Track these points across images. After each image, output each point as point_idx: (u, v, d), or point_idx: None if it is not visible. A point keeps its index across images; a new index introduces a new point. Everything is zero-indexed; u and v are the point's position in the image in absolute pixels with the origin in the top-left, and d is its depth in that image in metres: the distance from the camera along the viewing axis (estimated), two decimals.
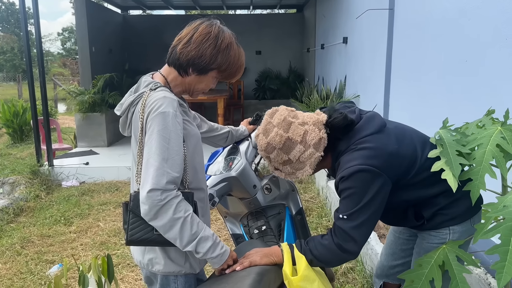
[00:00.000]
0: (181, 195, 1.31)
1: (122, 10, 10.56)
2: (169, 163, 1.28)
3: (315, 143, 1.48)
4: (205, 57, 1.40)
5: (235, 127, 1.97)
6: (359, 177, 1.39)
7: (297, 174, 1.54)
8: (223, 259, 1.39)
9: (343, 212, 1.42)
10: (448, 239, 1.53)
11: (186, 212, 1.30)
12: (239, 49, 1.50)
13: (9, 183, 5.23)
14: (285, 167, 1.55)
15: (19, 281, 3.06)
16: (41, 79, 5.68)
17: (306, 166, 1.51)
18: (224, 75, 1.48)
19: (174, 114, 1.32)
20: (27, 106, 8.81)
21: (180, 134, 1.34)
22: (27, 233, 3.93)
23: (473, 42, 2.58)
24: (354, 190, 1.40)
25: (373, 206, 1.41)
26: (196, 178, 1.47)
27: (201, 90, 1.50)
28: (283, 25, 10.63)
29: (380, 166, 1.40)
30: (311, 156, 1.49)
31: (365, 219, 1.41)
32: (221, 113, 6.74)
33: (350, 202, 1.41)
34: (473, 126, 1.56)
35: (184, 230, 1.29)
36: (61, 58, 37.26)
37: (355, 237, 1.41)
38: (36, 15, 5.55)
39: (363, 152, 1.43)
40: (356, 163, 1.41)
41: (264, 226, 1.97)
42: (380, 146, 1.44)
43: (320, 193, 4.53)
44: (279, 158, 1.52)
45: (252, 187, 1.88)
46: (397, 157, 1.44)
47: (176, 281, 1.46)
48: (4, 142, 9.19)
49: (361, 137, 1.47)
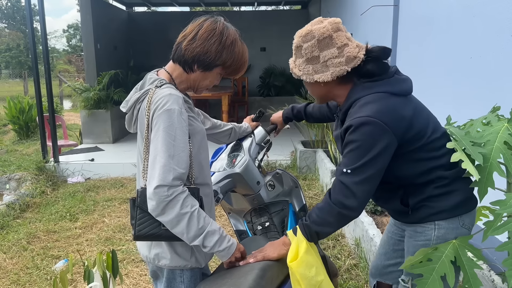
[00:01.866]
0: (187, 191, 1.33)
1: (127, 7, 10.58)
2: (175, 160, 1.30)
3: (349, 56, 1.44)
4: (210, 53, 1.41)
5: (238, 124, 1.98)
6: (367, 130, 1.37)
7: (315, 77, 1.48)
8: (230, 252, 1.41)
9: (347, 166, 1.40)
10: (434, 235, 1.50)
11: (193, 207, 1.32)
12: (243, 45, 1.51)
13: (15, 179, 5.28)
14: (307, 66, 1.49)
15: (25, 276, 3.10)
16: (47, 76, 5.71)
17: (328, 72, 1.45)
18: (229, 72, 1.50)
19: (180, 111, 1.34)
20: (33, 102, 8.86)
21: (186, 131, 1.36)
22: (33, 228, 3.96)
23: (478, 39, 2.56)
24: (360, 143, 1.38)
25: (378, 164, 1.39)
26: (201, 174, 1.48)
27: (205, 86, 1.51)
28: (288, 22, 10.60)
29: (390, 124, 1.38)
30: (338, 65, 1.44)
31: (369, 176, 1.39)
32: (226, 110, 6.75)
33: (356, 156, 1.39)
34: (478, 123, 1.56)
35: (191, 224, 1.31)
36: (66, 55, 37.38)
37: (357, 193, 1.39)
38: (42, 12, 5.57)
39: (377, 106, 1.40)
40: (367, 114, 1.38)
41: (267, 223, 1.98)
42: (396, 107, 1.42)
43: (324, 190, 4.54)
44: (310, 51, 1.46)
45: (255, 183, 1.90)
46: (408, 122, 1.42)
47: (182, 275, 1.48)
48: (10, 138, 9.25)
49: (382, 91, 1.45)
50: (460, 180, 1.49)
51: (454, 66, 2.82)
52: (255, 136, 1.98)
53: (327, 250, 3.23)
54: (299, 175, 5.22)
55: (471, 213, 1.53)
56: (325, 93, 1.55)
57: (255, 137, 1.98)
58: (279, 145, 6.20)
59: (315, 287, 1.42)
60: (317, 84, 1.50)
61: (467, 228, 1.51)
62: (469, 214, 1.52)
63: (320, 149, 5.25)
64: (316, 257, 1.47)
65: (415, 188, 1.51)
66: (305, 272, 1.41)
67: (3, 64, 35.53)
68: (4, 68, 35.23)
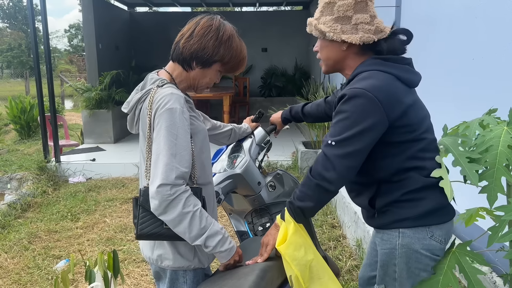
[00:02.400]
0: (190, 190, 1.33)
1: (129, 7, 10.59)
2: (177, 159, 1.31)
3: (378, 27, 1.43)
4: (207, 49, 1.42)
5: (238, 125, 1.98)
6: (360, 102, 1.34)
7: (343, 36, 1.42)
8: (231, 254, 1.41)
9: (332, 137, 1.37)
10: (398, 243, 1.44)
11: (195, 207, 1.32)
12: (241, 41, 1.51)
13: (17, 179, 5.29)
14: (335, 24, 1.43)
15: (27, 276, 3.10)
16: (48, 75, 5.72)
17: (357, 35, 1.41)
18: (227, 68, 1.49)
19: (181, 110, 1.34)
20: (34, 102, 8.89)
21: (188, 130, 1.36)
22: (34, 228, 3.97)
23: (480, 41, 2.56)
24: (349, 115, 1.35)
25: (364, 140, 1.36)
26: (203, 173, 1.48)
27: (205, 84, 1.51)
28: (289, 22, 10.61)
29: (384, 102, 1.35)
30: (367, 32, 1.42)
31: (353, 151, 1.35)
32: (227, 110, 6.75)
33: (343, 127, 1.36)
34: (475, 125, 1.54)
35: (193, 224, 1.31)
36: (68, 55, 37.43)
37: (337, 166, 1.36)
38: (44, 12, 5.59)
39: (377, 82, 1.37)
40: (363, 86, 1.35)
41: (268, 223, 1.98)
42: (396, 90, 1.39)
43: None
44: (343, 10, 1.42)
45: (256, 184, 1.90)
46: (403, 109, 1.39)
47: (185, 275, 1.48)
48: (11, 138, 9.27)
49: (389, 71, 1.41)
50: (433, 189, 1.42)
51: (456, 67, 2.81)
52: (255, 137, 1.98)
53: (328, 251, 3.23)
54: (300, 176, 5.22)
55: (444, 225, 1.45)
56: (340, 59, 1.49)
57: (255, 138, 1.98)
58: (280, 146, 6.20)
59: (305, 267, 1.41)
60: (339, 46, 1.45)
61: (438, 241, 1.44)
62: (441, 226, 1.45)
63: None
64: (304, 238, 1.46)
65: (387, 187, 1.45)
66: (294, 253, 1.40)
67: (5, 63, 35.60)
68: (6, 67, 35.28)
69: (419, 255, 1.43)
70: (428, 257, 1.43)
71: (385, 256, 1.48)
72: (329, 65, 1.54)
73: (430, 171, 1.42)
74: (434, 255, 1.44)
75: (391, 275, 1.48)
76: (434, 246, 1.43)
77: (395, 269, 1.47)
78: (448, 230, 1.47)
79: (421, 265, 1.43)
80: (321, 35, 1.47)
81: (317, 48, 1.54)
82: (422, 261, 1.43)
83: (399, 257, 1.45)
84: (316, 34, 1.48)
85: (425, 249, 1.42)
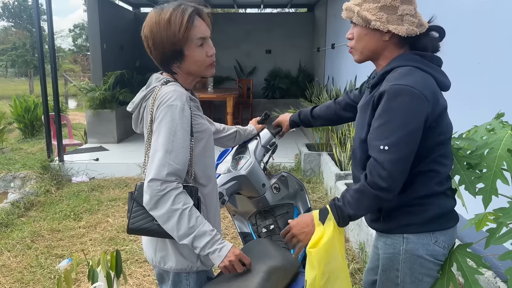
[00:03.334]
0: (182, 188, 1.33)
1: (134, 8, 10.62)
2: (172, 155, 1.31)
3: (420, 21, 1.40)
4: (164, 50, 1.40)
5: (243, 127, 1.98)
6: (407, 100, 1.27)
7: (389, 26, 1.36)
8: (222, 255, 1.35)
9: (383, 140, 1.29)
10: (402, 248, 1.43)
11: (185, 205, 1.31)
12: (171, 16, 1.39)
13: (20, 178, 5.30)
14: (380, 13, 1.37)
15: (29, 275, 3.10)
16: (53, 75, 5.74)
17: (403, 27, 1.36)
18: (192, 36, 1.39)
19: (182, 108, 1.35)
20: (38, 101, 8.90)
21: (187, 128, 1.36)
22: (37, 227, 3.98)
23: (486, 45, 2.56)
24: (397, 114, 1.28)
25: (416, 141, 1.30)
26: (205, 174, 1.48)
27: (203, 64, 1.44)
28: (294, 24, 10.61)
29: (430, 100, 1.30)
30: (412, 24, 1.37)
31: (407, 154, 1.30)
32: (230, 112, 6.75)
33: (392, 129, 1.29)
34: (483, 129, 1.55)
35: (182, 222, 1.30)
36: (72, 54, 37.57)
37: (393, 173, 1.29)
38: (49, 12, 5.60)
39: (420, 79, 1.31)
40: (407, 83, 1.29)
41: (272, 225, 1.98)
42: (436, 89, 1.34)
43: (329, 193, 4.53)
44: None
45: (261, 185, 1.89)
46: (440, 112, 1.35)
47: (188, 278, 1.47)
48: (15, 137, 9.30)
49: (427, 71, 1.36)
50: (439, 195, 1.42)
51: (461, 70, 2.81)
52: (260, 139, 1.98)
53: None
54: (303, 178, 5.21)
55: (448, 231, 1.45)
56: (379, 48, 1.43)
57: (260, 140, 1.97)
58: (283, 148, 6.19)
59: (329, 276, 1.40)
60: (381, 35, 1.39)
61: (442, 247, 1.43)
62: (445, 232, 1.44)
63: (324, 152, 5.24)
64: (338, 246, 1.42)
65: (400, 190, 1.41)
66: (323, 260, 1.38)
67: (9, 62, 35.74)
68: (10, 66, 35.43)
69: (423, 260, 1.42)
70: (432, 262, 1.43)
71: (387, 261, 1.48)
72: (364, 54, 1.46)
73: (443, 178, 1.41)
74: (437, 260, 1.44)
75: (393, 280, 1.47)
76: (437, 252, 1.43)
77: (397, 274, 1.46)
78: (452, 236, 1.47)
79: (425, 269, 1.43)
80: (364, 22, 1.39)
81: (351, 35, 1.46)
82: (426, 266, 1.43)
83: (402, 262, 1.44)
84: (358, 21, 1.40)
85: (428, 254, 1.42)
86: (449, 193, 1.46)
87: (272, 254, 1.52)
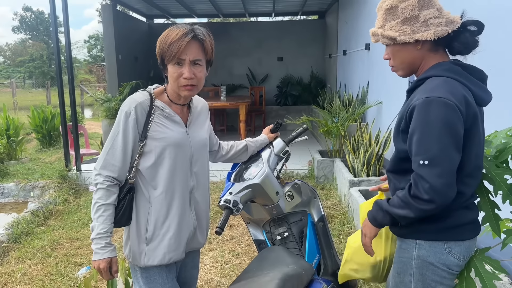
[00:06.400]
0: (106, 184, 1.54)
1: (147, 19, 10.81)
2: (110, 153, 1.56)
3: (448, 18, 1.38)
4: (158, 56, 1.61)
5: (253, 139, 2.04)
6: (441, 111, 1.28)
7: (415, 36, 1.38)
8: (95, 258, 1.54)
9: (422, 155, 1.30)
10: (414, 253, 1.45)
11: (98, 200, 1.54)
12: (172, 30, 1.57)
13: (39, 187, 5.43)
14: (404, 27, 1.39)
15: (50, 282, 3.18)
16: (70, 86, 5.87)
17: (430, 31, 1.37)
18: (169, 57, 1.55)
19: (127, 113, 1.55)
20: (55, 112, 9.09)
21: (130, 130, 1.55)
22: (57, 236, 4.07)
23: (499, 50, 2.56)
24: (433, 126, 1.28)
25: (458, 150, 1.30)
26: (156, 178, 1.60)
27: (175, 85, 1.59)
28: (305, 32, 10.67)
29: (462, 109, 1.29)
30: (439, 25, 1.37)
31: (449, 167, 1.29)
32: (243, 119, 6.81)
33: (429, 142, 1.29)
34: (503, 134, 1.57)
35: (93, 211, 1.56)
36: (87, 64, 38.25)
37: (436, 187, 1.28)
38: (66, 24, 5.73)
39: (453, 89, 1.32)
40: (439, 94, 1.29)
41: (286, 233, 2.01)
42: (469, 103, 1.33)
43: (342, 200, 4.53)
44: (409, 11, 1.39)
45: (274, 193, 1.93)
46: (473, 120, 1.34)
47: (139, 271, 1.71)
48: (33, 147, 9.49)
49: (463, 82, 1.36)
50: (459, 209, 1.41)
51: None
52: (274, 148, 2.02)
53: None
54: (316, 185, 5.23)
55: (465, 242, 1.43)
56: (416, 59, 1.44)
57: (273, 148, 2.01)
58: (296, 155, 6.22)
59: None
60: (413, 46, 1.41)
61: (457, 258, 1.42)
62: (461, 243, 1.43)
63: (337, 158, 5.25)
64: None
65: None
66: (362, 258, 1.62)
67: (27, 74, 36.53)
68: (28, 78, 36.20)
69: (435, 268, 1.43)
70: (445, 271, 1.43)
71: (402, 264, 1.50)
72: (406, 68, 1.48)
73: (468, 198, 1.41)
74: (451, 270, 1.43)
75: (407, 284, 1.49)
76: (451, 262, 1.42)
77: (411, 279, 1.48)
78: (469, 248, 1.45)
79: (438, 277, 1.44)
80: (391, 41, 1.43)
81: (387, 55, 1.50)
82: (439, 274, 1.44)
83: (415, 267, 1.46)
84: (385, 42, 1.45)
85: (441, 263, 1.42)
86: (472, 206, 1.45)
87: (287, 261, 1.55)
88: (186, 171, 1.65)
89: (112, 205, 1.56)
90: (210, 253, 3.51)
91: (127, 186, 1.59)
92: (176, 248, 1.64)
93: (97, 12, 40.33)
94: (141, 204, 1.62)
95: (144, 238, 1.62)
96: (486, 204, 1.45)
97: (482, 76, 1.43)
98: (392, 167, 1.52)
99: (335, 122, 5.42)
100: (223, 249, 3.57)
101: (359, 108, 5.61)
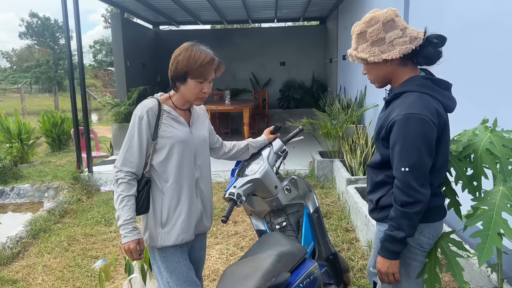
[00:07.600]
0: (127, 178, 1.82)
1: (154, 26, 11.11)
2: (128, 152, 1.84)
3: (411, 36, 1.58)
4: (177, 69, 1.81)
5: (254, 139, 2.31)
6: (417, 126, 1.50)
7: (382, 56, 1.59)
8: (124, 241, 1.81)
9: (403, 163, 1.53)
10: None
11: (122, 192, 1.81)
12: (197, 51, 1.80)
13: (53, 188, 5.72)
14: (373, 48, 1.61)
15: (69, 273, 3.45)
16: (82, 92, 6.15)
17: (395, 50, 1.58)
18: (197, 75, 1.80)
19: (140, 117, 1.82)
20: (65, 116, 9.39)
21: (142, 133, 1.82)
22: (73, 232, 4.35)
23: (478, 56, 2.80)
24: (412, 139, 1.51)
25: (431, 157, 1.54)
26: (166, 172, 1.87)
27: (194, 96, 1.87)
28: (306, 37, 10.93)
29: (435, 122, 1.52)
30: (403, 44, 1.57)
31: (426, 171, 1.53)
32: (247, 122, 7.07)
33: (409, 152, 1.52)
34: (470, 133, 1.83)
35: (117, 203, 1.83)
36: (93, 69, 38.66)
37: (418, 188, 1.52)
38: (78, 32, 6.00)
39: (426, 105, 1.53)
40: (415, 111, 1.51)
41: (284, 222, 2.26)
42: (440, 111, 1.56)
43: (340, 197, 4.78)
44: (375, 34, 1.59)
45: (274, 187, 2.18)
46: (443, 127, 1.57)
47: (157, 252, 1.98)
48: (43, 150, 9.78)
49: (435, 96, 1.58)
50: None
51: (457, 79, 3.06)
52: (273, 147, 2.28)
53: (341, 252, 3.47)
54: (317, 184, 5.47)
55: (434, 224, 1.68)
56: (388, 74, 1.67)
57: (273, 147, 2.27)
58: (298, 156, 6.47)
59: None
60: (382, 64, 1.63)
61: (427, 238, 1.67)
62: (431, 225, 1.67)
63: (337, 159, 5.50)
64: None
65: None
66: None
67: (33, 79, 36.97)
68: (34, 83, 36.64)
69: (410, 247, 1.68)
70: (418, 249, 1.69)
71: (378, 243, 1.73)
72: (380, 82, 1.73)
73: (436, 187, 1.65)
74: (423, 248, 1.69)
75: None
76: (423, 241, 1.68)
77: None
78: (437, 228, 1.71)
79: (412, 254, 1.70)
80: (364, 61, 1.66)
81: (365, 72, 1.74)
82: (413, 252, 1.69)
83: None
84: (359, 62, 1.68)
85: (415, 242, 1.67)
86: (439, 194, 1.71)
87: (283, 242, 1.82)
88: (191, 164, 1.93)
89: (133, 196, 1.84)
90: (216, 246, 3.77)
91: (144, 179, 1.87)
92: (187, 230, 1.91)
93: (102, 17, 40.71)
94: (156, 194, 1.90)
95: (160, 223, 1.89)
96: (450, 192, 1.70)
97: (447, 85, 1.68)
98: (373, 163, 1.79)
99: (334, 124, 5.67)
100: (228, 242, 3.84)
101: (357, 110, 5.86)
